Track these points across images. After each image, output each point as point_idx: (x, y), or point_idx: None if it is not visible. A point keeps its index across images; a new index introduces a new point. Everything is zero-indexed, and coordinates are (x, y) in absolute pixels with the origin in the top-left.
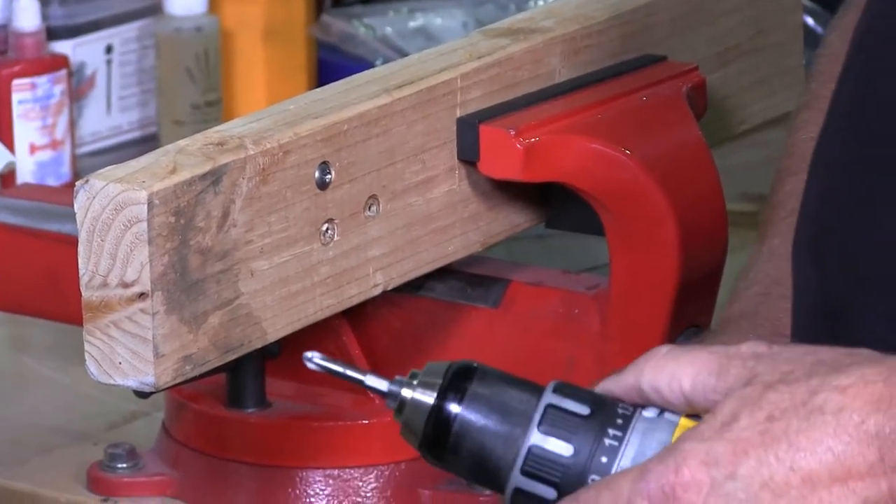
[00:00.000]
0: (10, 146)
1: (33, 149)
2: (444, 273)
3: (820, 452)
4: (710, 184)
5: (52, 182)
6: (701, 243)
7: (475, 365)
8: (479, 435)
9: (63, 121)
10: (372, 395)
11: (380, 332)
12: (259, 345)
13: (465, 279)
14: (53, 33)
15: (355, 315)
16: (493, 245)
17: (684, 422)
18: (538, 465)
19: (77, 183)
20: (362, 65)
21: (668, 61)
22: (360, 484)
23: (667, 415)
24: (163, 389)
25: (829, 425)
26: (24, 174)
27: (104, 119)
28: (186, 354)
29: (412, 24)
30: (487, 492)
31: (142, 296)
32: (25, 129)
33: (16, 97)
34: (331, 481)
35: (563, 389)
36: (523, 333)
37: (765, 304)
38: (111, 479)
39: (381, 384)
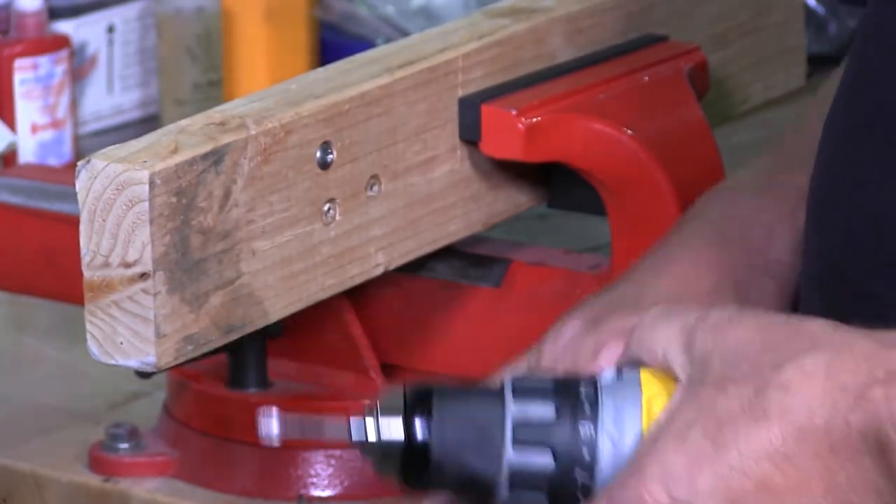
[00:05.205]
0: (11, 126)
1: (35, 128)
2: (445, 253)
3: (771, 457)
4: (711, 164)
5: (53, 162)
6: None
7: (430, 387)
8: (457, 459)
9: (64, 101)
10: (374, 375)
11: (381, 312)
12: (261, 325)
13: (466, 259)
14: (55, 13)
15: (357, 295)
16: (494, 225)
17: (644, 377)
18: (523, 480)
19: (79, 163)
20: (363, 44)
21: (669, 41)
22: (362, 465)
23: (625, 373)
24: (164, 370)
25: (775, 429)
26: (26, 154)
27: (106, 99)
28: (188, 334)
29: (414, 3)
30: None
31: (143, 276)
32: (27, 109)
33: (17, 77)
34: (332, 462)
35: (522, 393)
36: (525, 313)
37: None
38: (112, 459)
39: (342, 433)
